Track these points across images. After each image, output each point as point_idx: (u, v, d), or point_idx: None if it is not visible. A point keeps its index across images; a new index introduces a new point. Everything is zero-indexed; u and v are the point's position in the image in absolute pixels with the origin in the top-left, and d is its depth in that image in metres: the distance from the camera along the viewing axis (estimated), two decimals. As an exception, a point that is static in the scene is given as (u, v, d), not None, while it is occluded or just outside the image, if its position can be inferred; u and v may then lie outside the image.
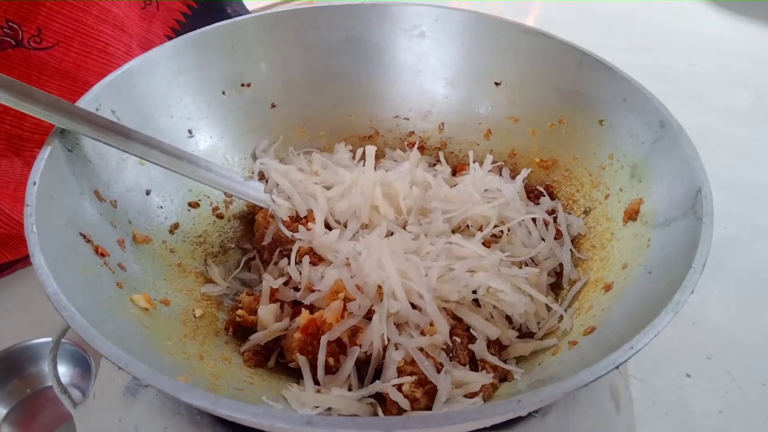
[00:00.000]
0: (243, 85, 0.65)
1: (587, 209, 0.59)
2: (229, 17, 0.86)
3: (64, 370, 0.69)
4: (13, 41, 0.65)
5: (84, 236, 0.47)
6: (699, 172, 0.45)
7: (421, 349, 0.45)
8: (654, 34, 1.45)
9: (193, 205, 0.61)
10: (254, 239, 0.62)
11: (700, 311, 0.81)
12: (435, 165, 0.69)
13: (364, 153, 0.62)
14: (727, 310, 0.82)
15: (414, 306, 0.49)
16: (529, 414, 0.46)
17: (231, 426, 0.47)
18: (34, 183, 0.44)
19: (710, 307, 0.82)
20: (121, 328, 0.42)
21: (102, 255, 0.47)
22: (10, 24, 0.64)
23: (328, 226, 0.59)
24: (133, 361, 0.34)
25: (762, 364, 0.75)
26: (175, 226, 0.59)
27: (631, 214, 0.51)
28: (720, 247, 0.90)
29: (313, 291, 0.52)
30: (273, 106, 0.67)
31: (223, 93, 0.64)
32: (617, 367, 0.34)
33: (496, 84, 0.66)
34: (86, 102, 0.52)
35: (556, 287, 0.57)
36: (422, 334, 0.46)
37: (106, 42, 0.71)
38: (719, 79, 1.30)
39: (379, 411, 0.43)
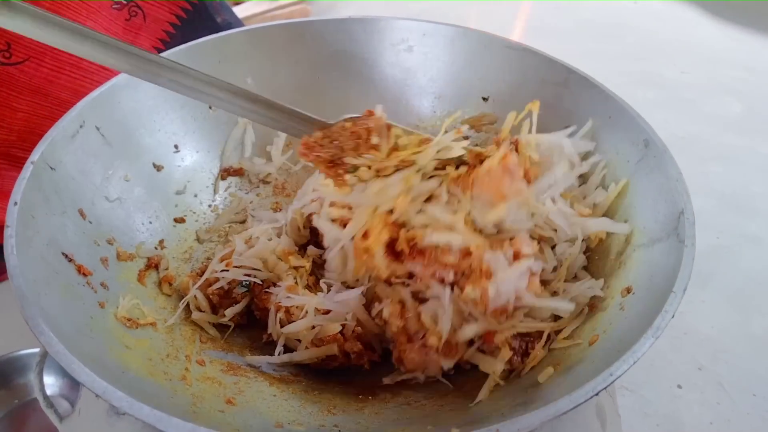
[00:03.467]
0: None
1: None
2: (219, 27, 0.85)
3: (52, 381, 0.69)
4: None
5: (66, 256, 0.46)
6: (682, 194, 0.45)
7: None
8: (646, 42, 1.45)
9: (179, 220, 0.61)
10: None
11: (691, 321, 0.81)
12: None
13: None
14: (718, 321, 0.82)
15: None
16: (513, 435, 0.46)
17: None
18: (15, 203, 0.44)
19: (701, 317, 0.82)
20: (102, 349, 0.42)
21: (84, 274, 0.47)
22: None
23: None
24: (109, 389, 0.34)
25: (753, 375, 0.75)
26: (161, 242, 0.58)
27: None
28: (710, 256, 0.90)
29: None
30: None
31: (210, 108, 0.64)
32: (597, 395, 0.34)
33: (484, 99, 0.66)
34: (70, 119, 0.52)
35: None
36: None
37: (80, 57, 0.71)
38: (711, 87, 1.30)
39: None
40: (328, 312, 0.52)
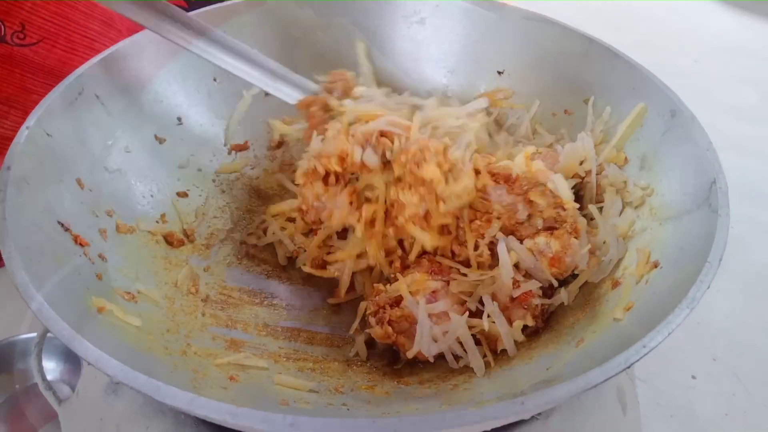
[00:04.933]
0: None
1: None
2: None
3: (53, 366, 0.68)
4: None
5: (62, 225, 0.44)
6: (713, 163, 0.43)
7: None
8: (660, 31, 1.43)
9: (182, 194, 0.58)
10: None
11: (706, 312, 0.79)
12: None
13: None
14: (733, 311, 0.79)
15: None
16: (531, 416, 0.44)
17: (215, 426, 0.45)
18: (8, 168, 0.42)
19: (716, 307, 0.80)
20: (96, 320, 0.40)
21: (81, 245, 0.45)
22: None
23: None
24: (103, 357, 0.31)
25: (769, 366, 0.73)
26: (163, 216, 0.56)
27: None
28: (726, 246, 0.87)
29: None
30: (267, 94, 0.64)
31: (215, 79, 0.62)
32: (629, 367, 0.31)
33: (499, 73, 0.63)
34: (68, 84, 0.50)
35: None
36: None
37: (93, 38, 0.69)
38: (725, 77, 1.28)
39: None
40: None
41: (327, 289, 0.57)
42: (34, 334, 0.66)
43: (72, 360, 0.67)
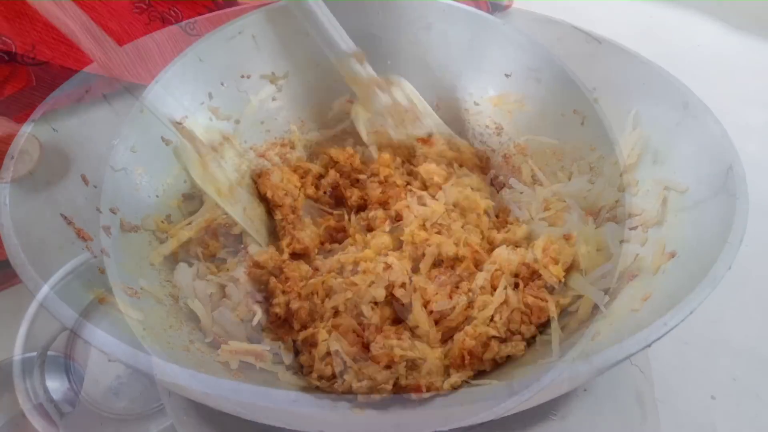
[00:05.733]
0: (242, 77, 0.63)
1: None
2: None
3: (57, 386, 0.66)
4: (6, 56, 0.63)
5: (65, 218, 0.44)
6: (729, 150, 0.42)
7: None
8: (667, 54, 1.43)
9: (188, 197, 0.58)
10: None
11: (724, 330, 0.76)
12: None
13: None
14: (752, 330, 0.77)
15: None
16: (547, 415, 0.42)
17: (217, 426, 0.43)
18: (12, 157, 0.42)
19: (734, 326, 0.77)
20: (100, 312, 0.39)
21: (84, 239, 0.44)
22: (4, 39, 0.62)
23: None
24: (100, 335, 0.30)
25: (792, 386, 0.70)
26: (168, 217, 0.55)
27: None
28: (741, 264, 0.85)
29: None
30: (273, 99, 0.64)
31: (222, 84, 0.62)
32: (650, 345, 0.30)
33: (506, 76, 0.63)
34: (76, 83, 0.51)
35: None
36: None
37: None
38: (733, 98, 1.27)
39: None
40: None
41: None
42: (34, 354, 0.66)
43: (76, 379, 0.66)
